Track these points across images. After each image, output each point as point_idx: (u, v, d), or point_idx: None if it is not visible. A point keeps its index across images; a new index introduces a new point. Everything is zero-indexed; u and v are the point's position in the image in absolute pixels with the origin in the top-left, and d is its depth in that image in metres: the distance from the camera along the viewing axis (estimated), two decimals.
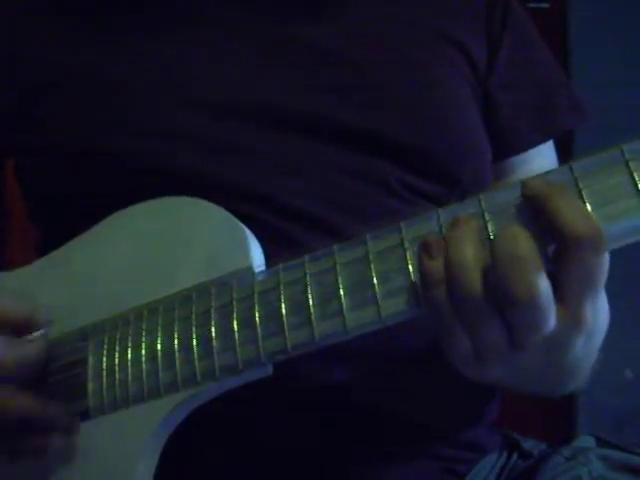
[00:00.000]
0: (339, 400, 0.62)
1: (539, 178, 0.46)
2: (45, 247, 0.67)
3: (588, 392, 0.64)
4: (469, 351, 0.46)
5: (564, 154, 0.79)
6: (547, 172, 0.46)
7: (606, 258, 0.44)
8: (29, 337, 0.59)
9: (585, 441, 0.72)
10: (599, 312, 0.48)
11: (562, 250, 0.43)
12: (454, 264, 0.44)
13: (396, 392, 0.65)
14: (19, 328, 0.59)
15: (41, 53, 0.71)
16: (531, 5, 1.82)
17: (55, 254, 0.66)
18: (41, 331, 0.59)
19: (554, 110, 0.76)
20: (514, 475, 0.72)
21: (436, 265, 0.45)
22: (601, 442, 0.71)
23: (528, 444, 0.75)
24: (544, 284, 0.43)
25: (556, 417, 1.74)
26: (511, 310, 0.44)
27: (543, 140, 0.76)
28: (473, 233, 0.45)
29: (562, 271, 0.44)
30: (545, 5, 1.86)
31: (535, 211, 0.45)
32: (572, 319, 0.45)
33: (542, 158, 0.76)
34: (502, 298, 0.43)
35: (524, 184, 0.45)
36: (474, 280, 0.44)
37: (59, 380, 0.59)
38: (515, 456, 0.74)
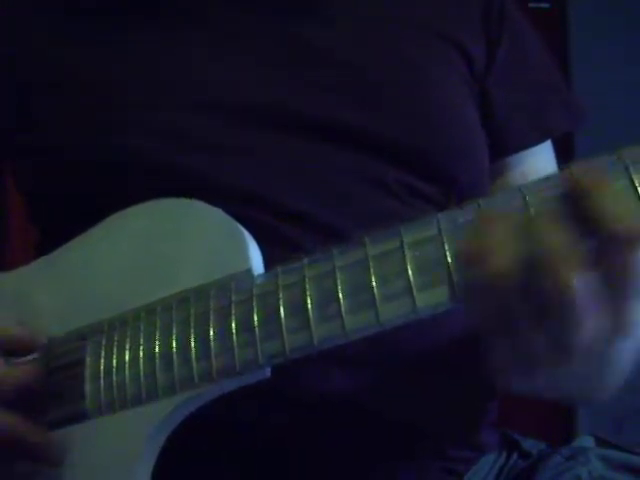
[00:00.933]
0: (338, 403, 0.62)
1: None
2: (45, 247, 0.67)
3: None
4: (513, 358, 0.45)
5: (564, 154, 0.79)
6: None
7: None
8: (24, 359, 0.59)
9: (585, 441, 0.72)
10: None
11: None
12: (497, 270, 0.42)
13: (395, 394, 0.65)
14: (15, 350, 0.59)
15: (41, 53, 0.71)
16: (531, 5, 1.82)
17: (54, 254, 0.65)
18: (35, 355, 0.60)
19: (550, 111, 0.76)
20: (513, 475, 0.72)
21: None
22: (601, 442, 0.71)
23: (527, 444, 0.75)
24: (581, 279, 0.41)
25: (556, 417, 1.74)
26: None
27: (539, 141, 0.76)
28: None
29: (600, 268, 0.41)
30: (545, 5, 1.86)
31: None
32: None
33: (539, 158, 0.76)
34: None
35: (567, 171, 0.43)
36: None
37: (57, 381, 0.59)
38: (514, 456, 0.74)
